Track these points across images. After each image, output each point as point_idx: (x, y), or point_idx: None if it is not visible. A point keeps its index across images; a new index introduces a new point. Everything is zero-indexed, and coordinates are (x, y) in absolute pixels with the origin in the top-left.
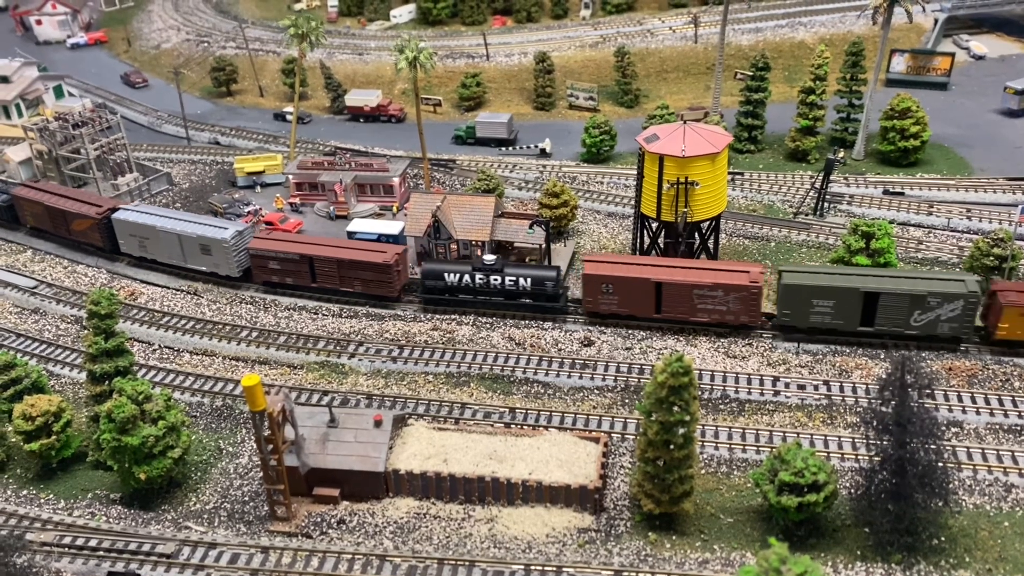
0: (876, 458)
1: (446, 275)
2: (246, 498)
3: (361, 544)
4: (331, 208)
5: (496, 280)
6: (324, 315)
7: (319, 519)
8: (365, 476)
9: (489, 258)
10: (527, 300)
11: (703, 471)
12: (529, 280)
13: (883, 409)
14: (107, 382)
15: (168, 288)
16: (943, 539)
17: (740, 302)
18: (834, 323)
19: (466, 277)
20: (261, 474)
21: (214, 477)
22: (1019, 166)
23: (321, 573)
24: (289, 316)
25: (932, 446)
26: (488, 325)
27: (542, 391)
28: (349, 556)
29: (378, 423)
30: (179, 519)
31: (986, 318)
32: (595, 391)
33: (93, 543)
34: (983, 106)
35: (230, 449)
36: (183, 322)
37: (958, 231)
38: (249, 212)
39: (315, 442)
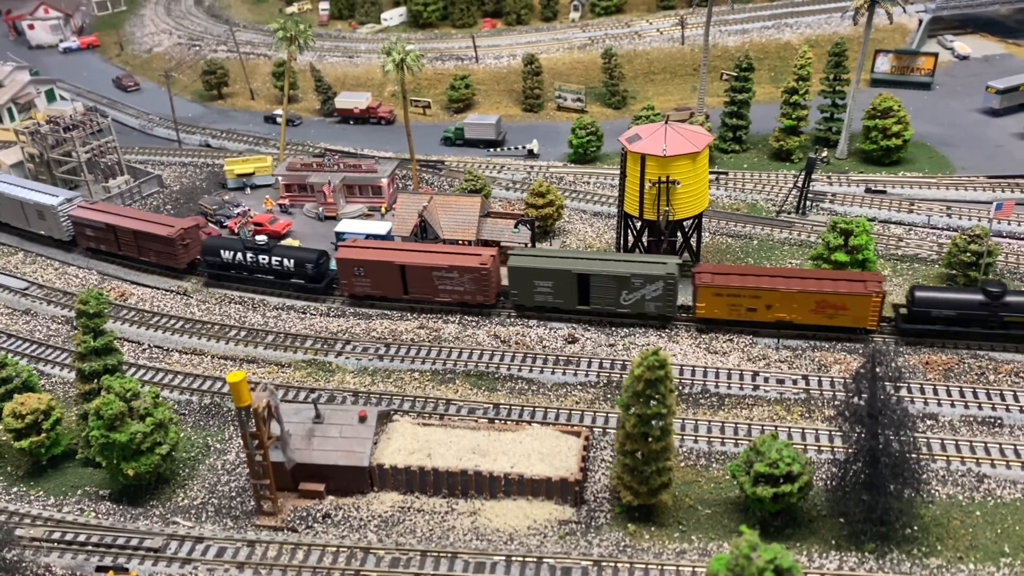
0: (850, 449)
1: (222, 252)
2: (233, 493)
3: (346, 537)
4: (320, 209)
5: (264, 260)
6: (312, 314)
7: (305, 513)
8: (350, 471)
9: (260, 238)
10: (296, 280)
11: (682, 464)
12: (292, 262)
13: (856, 401)
14: (96, 380)
15: (158, 289)
16: (916, 528)
17: (474, 283)
18: (555, 302)
19: (238, 255)
20: (248, 470)
21: (202, 473)
22: (1000, 165)
23: (306, 566)
24: (277, 316)
25: (904, 437)
26: (474, 323)
27: (526, 387)
28: (334, 549)
29: (363, 419)
30: (167, 514)
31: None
32: (578, 387)
33: (82, 538)
34: (966, 105)
35: (218, 446)
36: (172, 322)
37: (938, 228)
38: (239, 213)
39: (301, 438)
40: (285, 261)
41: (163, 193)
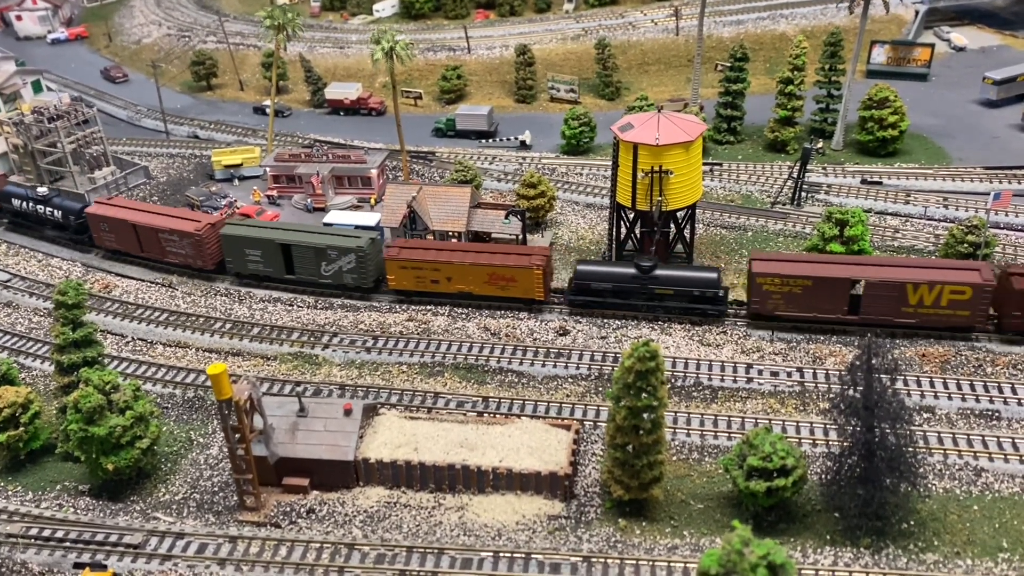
0: (845, 443)
1: (13, 200)
2: (216, 488)
3: (330, 533)
4: (308, 200)
5: (41, 209)
6: (299, 307)
7: (288, 508)
8: (335, 465)
9: (41, 190)
10: (65, 230)
11: (675, 458)
12: (60, 213)
13: (851, 393)
14: (75, 373)
15: (143, 281)
16: (912, 523)
17: (192, 247)
18: (266, 270)
19: (24, 203)
20: (230, 464)
21: (184, 468)
22: (996, 155)
23: (289, 562)
24: (264, 308)
25: (900, 430)
26: (464, 316)
27: (516, 380)
28: (318, 545)
29: (348, 412)
30: (148, 510)
31: None
32: (569, 380)
33: (60, 534)
34: (963, 96)
35: (201, 440)
36: (157, 314)
37: (935, 219)
38: (226, 204)
39: (284, 431)
40: (56, 212)
41: (150, 184)
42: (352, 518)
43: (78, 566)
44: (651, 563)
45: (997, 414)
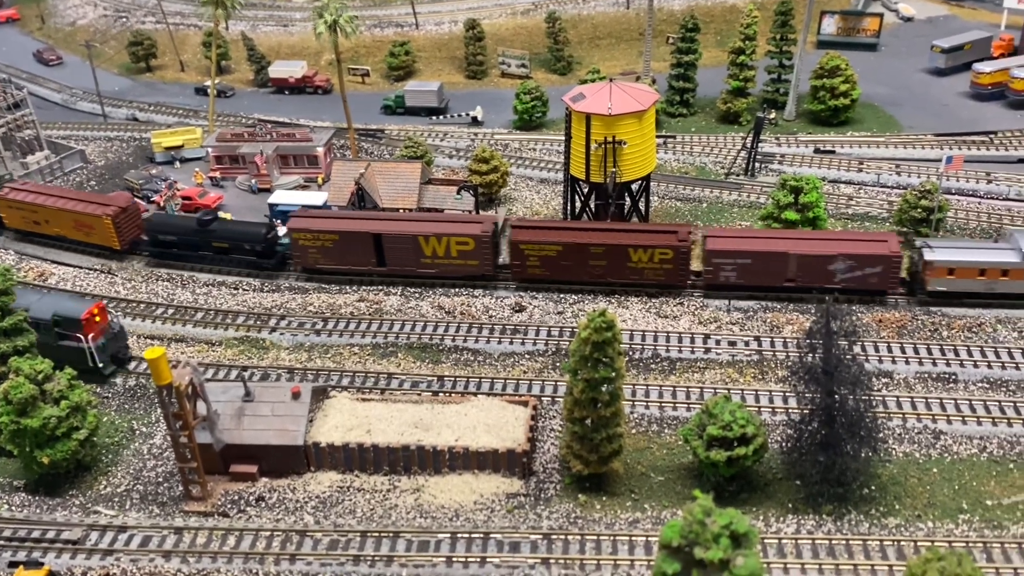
0: (805, 410)
1: None
2: (160, 479)
3: (281, 520)
4: (253, 181)
5: None
6: (244, 290)
7: (236, 497)
8: (284, 450)
9: None
10: None
11: (633, 431)
12: None
13: (810, 359)
14: (4, 363)
15: (80, 268)
16: (873, 488)
17: None
18: None
19: None
20: (174, 453)
21: (126, 459)
22: (946, 122)
23: (238, 551)
24: (208, 292)
25: (860, 394)
26: (417, 295)
27: (472, 358)
28: (268, 533)
29: (296, 395)
30: (88, 504)
31: None
32: (526, 356)
33: None
34: (912, 66)
35: (143, 429)
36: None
37: (888, 187)
38: (166, 187)
39: (230, 417)
40: None
41: (87, 168)
42: (303, 504)
43: (12, 565)
44: (612, 538)
45: (954, 377)
